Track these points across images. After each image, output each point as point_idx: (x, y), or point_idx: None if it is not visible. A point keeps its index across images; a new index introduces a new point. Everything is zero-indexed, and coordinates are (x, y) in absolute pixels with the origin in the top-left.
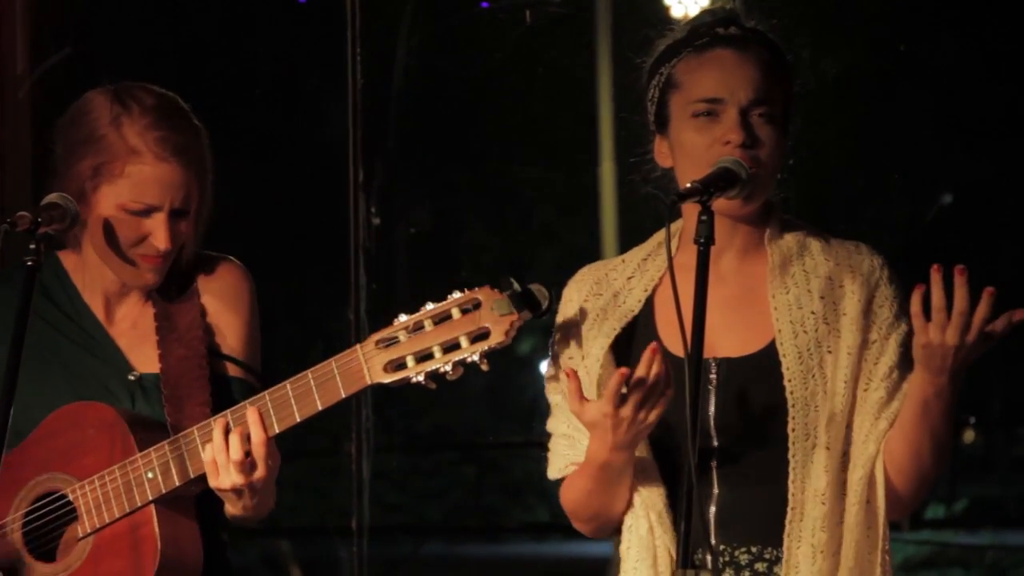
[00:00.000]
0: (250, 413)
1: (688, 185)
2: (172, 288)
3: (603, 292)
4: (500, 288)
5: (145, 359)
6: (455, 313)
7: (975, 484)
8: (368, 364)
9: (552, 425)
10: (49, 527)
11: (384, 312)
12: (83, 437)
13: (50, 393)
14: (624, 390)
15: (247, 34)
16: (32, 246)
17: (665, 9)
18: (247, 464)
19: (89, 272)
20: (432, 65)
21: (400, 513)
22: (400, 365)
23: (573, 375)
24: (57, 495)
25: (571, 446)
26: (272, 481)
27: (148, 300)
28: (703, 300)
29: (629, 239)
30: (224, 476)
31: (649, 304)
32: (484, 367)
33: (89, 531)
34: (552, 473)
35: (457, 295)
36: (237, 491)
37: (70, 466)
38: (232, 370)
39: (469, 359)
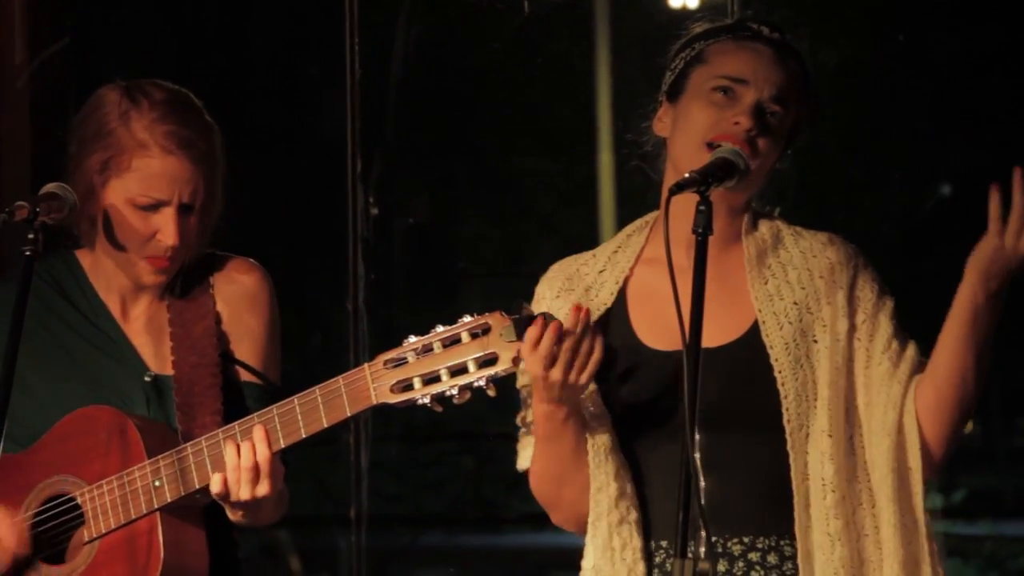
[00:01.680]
0: (256, 431)
1: (686, 175)
2: (186, 290)
3: (575, 287)
4: (511, 313)
5: (161, 360)
6: (464, 337)
7: (974, 474)
8: (375, 384)
9: (521, 418)
10: (58, 529)
11: (383, 303)
12: (94, 442)
13: (66, 394)
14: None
15: (245, 25)
16: (30, 236)
17: (663, 0)
18: (253, 479)
19: (104, 271)
20: (431, 56)
21: (398, 503)
22: (407, 386)
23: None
24: (66, 498)
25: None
26: (276, 494)
27: (163, 300)
28: (701, 290)
29: None
30: (233, 490)
31: (621, 296)
32: (491, 392)
33: (95, 535)
34: (520, 463)
35: (467, 319)
36: (241, 505)
37: (80, 470)
38: (246, 376)
39: (476, 384)
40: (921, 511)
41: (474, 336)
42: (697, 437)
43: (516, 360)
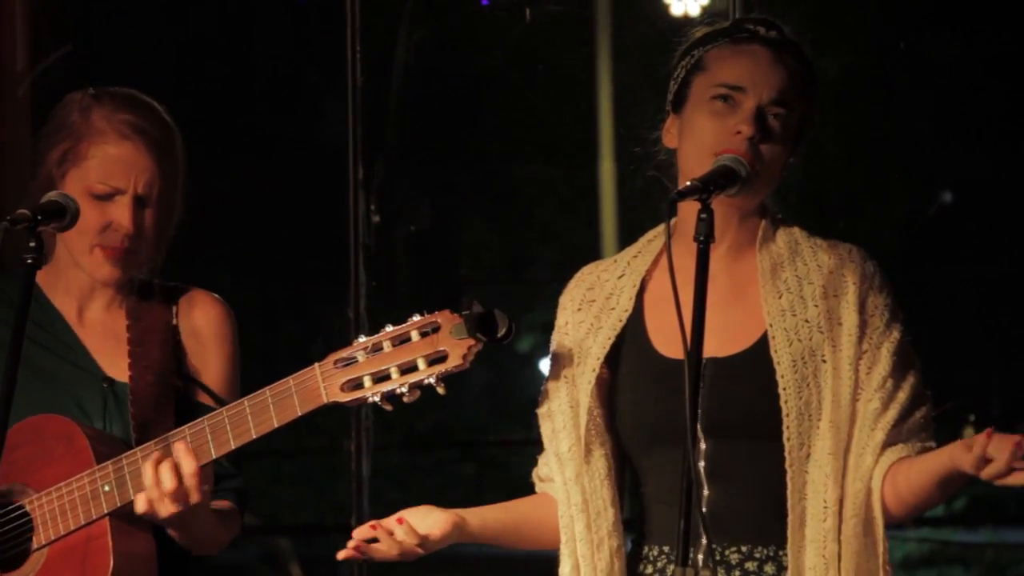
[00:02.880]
0: (177, 447)
1: (687, 183)
2: (147, 312)
3: (596, 297)
4: (461, 311)
5: (117, 367)
6: (414, 335)
7: (974, 482)
8: (325, 383)
9: (541, 431)
10: (7, 538)
11: (384, 309)
12: (43, 450)
13: (22, 400)
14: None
15: (247, 32)
16: (32, 244)
17: (665, 8)
18: (180, 493)
19: (61, 272)
20: (432, 63)
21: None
22: (357, 385)
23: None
24: (15, 506)
25: (543, 462)
26: (208, 513)
27: (121, 308)
28: (703, 298)
29: (629, 237)
30: (159, 507)
31: (638, 302)
32: (440, 390)
33: (44, 543)
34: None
35: (417, 318)
36: (171, 521)
37: (29, 478)
38: (206, 400)
39: (426, 381)
40: (882, 564)
41: (424, 335)
42: (703, 446)
43: (466, 357)
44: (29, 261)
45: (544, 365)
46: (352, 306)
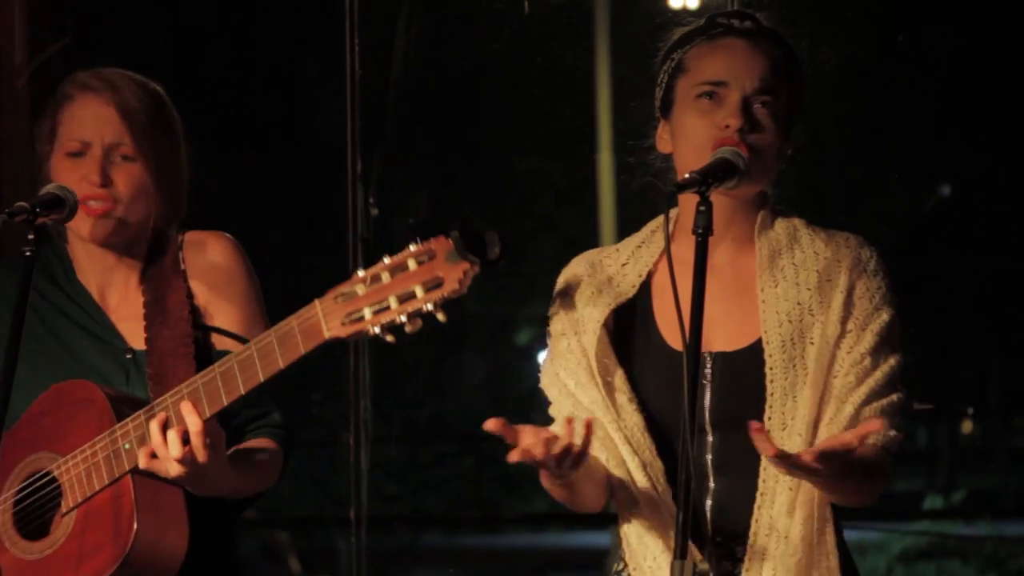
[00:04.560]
0: (182, 406)
1: (686, 176)
2: (158, 268)
3: (597, 275)
4: (452, 234)
5: (140, 338)
6: (411, 264)
7: (973, 475)
8: (326, 318)
9: (553, 411)
10: (38, 505)
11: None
12: (68, 415)
13: (48, 372)
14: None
15: (246, 25)
16: (30, 236)
17: (663, 0)
18: (186, 455)
19: (80, 254)
20: (430, 56)
21: (398, 504)
22: (358, 318)
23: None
24: (43, 473)
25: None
26: (223, 466)
27: (140, 284)
28: (701, 290)
29: (627, 229)
30: (168, 467)
31: (645, 290)
32: (440, 317)
33: (72, 506)
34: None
35: (413, 247)
36: (182, 480)
37: (57, 445)
38: (226, 344)
39: (424, 308)
40: (834, 530)
41: (420, 263)
42: (710, 439)
43: (462, 281)
44: (28, 254)
45: (543, 357)
46: None
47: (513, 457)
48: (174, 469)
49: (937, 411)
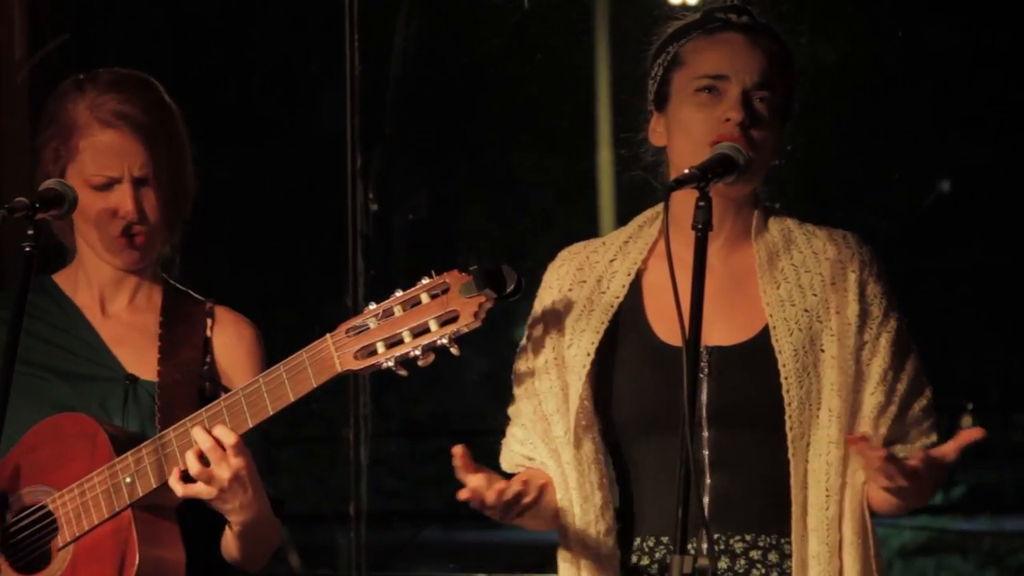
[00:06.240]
0: (217, 428)
1: (685, 171)
2: (181, 319)
3: (587, 278)
4: (468, 268)
5: (137, 363)
6: (424, 298)
7: (973, 470)
8: (338, 352)
9: (513, 411)
10: (31, 539)
11: (382, 299)
12: (63, 448)
13: (46, 402)
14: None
15: (245, 21)
16: (30, 232)
17: None
18: (221, 457)
19: (84, 266)
20: (430, 52)
21: (398, 499)
22: (371, 352)
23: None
24: (38, 507)
25: (523, 442)
26: (253, 491)
27: (150, 302)
28: (701, 286)
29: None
30: (220, 471)
31: (635, 289)
32: (454, 351)
33: (69, 540)
34: (504, 465)
35: (426, 280)
36: (217, 498)
37: (51, 477)
38: None
39: (439, 342)
40: (875, 554)
41: (434, 296)
42: (706, 434)
43: (478, 315)
44: (28, 249)
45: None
46: (350, 295)
47: (462, 495)
48: (226, 472)
49: (936, 406)
